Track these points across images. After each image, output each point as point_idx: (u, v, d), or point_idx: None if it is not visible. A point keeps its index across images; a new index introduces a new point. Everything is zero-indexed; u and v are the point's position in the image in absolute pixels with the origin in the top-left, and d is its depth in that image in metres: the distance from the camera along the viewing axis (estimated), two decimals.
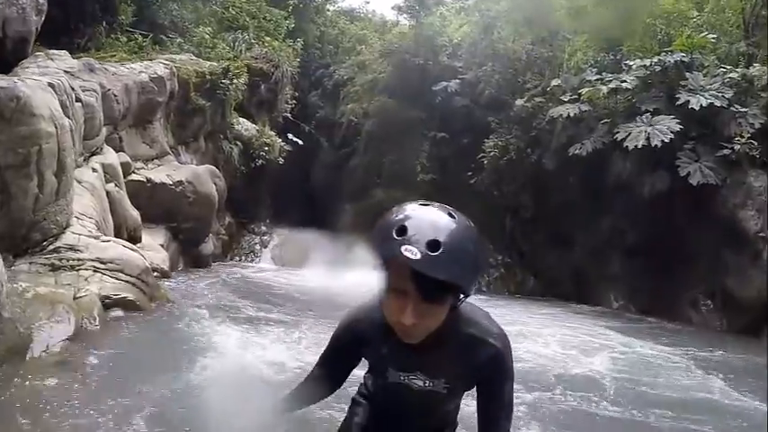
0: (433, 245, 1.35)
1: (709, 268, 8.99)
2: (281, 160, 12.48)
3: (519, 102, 11.96)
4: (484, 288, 12.32)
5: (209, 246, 9.42)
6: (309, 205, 16.37)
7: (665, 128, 8.90)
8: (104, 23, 9.14)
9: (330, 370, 1.99)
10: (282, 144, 12.75)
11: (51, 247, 4.36)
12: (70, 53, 6.88)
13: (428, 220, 1.40)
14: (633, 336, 7.29)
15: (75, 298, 4.01)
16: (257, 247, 11.87)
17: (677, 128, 8.84)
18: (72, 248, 4.45)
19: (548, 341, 6.49)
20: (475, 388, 1.75)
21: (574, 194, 10.87)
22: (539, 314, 8.81)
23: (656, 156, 9.08)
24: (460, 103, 13.59)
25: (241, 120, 11.91)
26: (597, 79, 10.38)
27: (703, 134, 9.07)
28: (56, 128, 4.22)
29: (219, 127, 10.99)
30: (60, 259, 4.32)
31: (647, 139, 8.93)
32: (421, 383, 1.78)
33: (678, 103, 8.99)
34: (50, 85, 4.79)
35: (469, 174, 12.64)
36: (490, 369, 1.69)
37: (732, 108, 8.75)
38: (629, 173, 9.64)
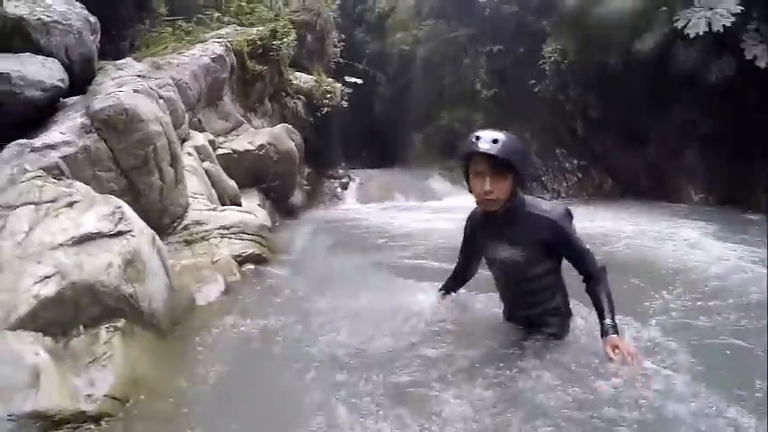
0: (495, 140, 2.50)
1: None
2: (345, 104, 12.79)
3: (569, 0, 11.56)
4: (563, 195, 12.50)
5: (297, 197, 10.13)
6: (378, 141, 16.80)
7: (724, 10, 8.55)
8: (144, 22, 9.42)
9: (465, 260, 3.14)
10: (342, 88, 13.07)
11: (180, 226, 5.04)
12: (116, 58, 7.13)
13: (491, 132, 2.55)
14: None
15: (212, 262, 4.71)
16: (338, 190, 12.48)
17: (737, 9, 8.46)
18: (198, 223, 5.13)
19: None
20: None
21: (641, 90, 10.60)
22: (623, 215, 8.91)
23: (720, 40, 8.73)
24: (509, 11, 13.30)
25: (297, 74, 12.22)
26: None
27: (766, 13, 8.63)
28: (161, 125, 4.80)
29: (280, 87, 11.35)
30: (191, 234, 5.01)
31: (709, 24, 8.63)
32: (506, 253, 2.74)
33: None
34: (136, 91, 5.38)
35: (532, 82, 12.54)
36: (552, 235, 2.63)
37: None
38: (694, 61, 9.30)
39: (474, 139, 2.53)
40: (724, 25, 8.51)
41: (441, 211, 9.97)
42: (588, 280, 2.72)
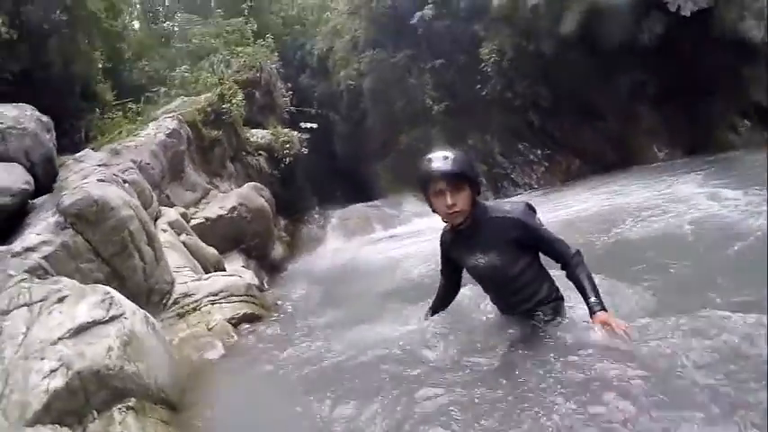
0: (445, 157, 2.72)
1: (734, 90, 9.04)
2: (305, 150, 12.99)
3: (496, 1, 11.94)
4: (535, 186, 12.74)
5: (278, 250, 10.22)
6: (347, 179, 16.99)
7: None
8: (94, 110, 9.60)
9: (446, 278, 3.28)
10: (299, 135, 13.28)
11: (170, 301, 5.13)
12: (74, 151, 7.32)
13: (439, 152, 2.76)
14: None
15: (208, 329, 4.81)
16: (318, 234, 12.59)
17: None
18: (186, 295, 5.22)
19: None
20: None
21: (583, 68, 10.93)
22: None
23: (644, 0, 9.06)
24: (441, 25, 13.66)
25: (253, 131, 12.47)
26: None
27: None
28: (132, 209, 4.92)
29: (239, 147, 11.56)
30: (182, 307, 5.10)
31: None
32: (483, 260, 2.88)
33: None
34: (101, 180, 5.52)
35: (478, 87, 12.86)
36: (520, 232, 2.78)
37: None
38: (626, 26, 9.58)
39: (427, 162, 2.76)
40: None
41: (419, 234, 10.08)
42: (566, 266, 2.82)
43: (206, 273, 6.53)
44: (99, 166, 6.54)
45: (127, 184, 6.12)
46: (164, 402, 3.36)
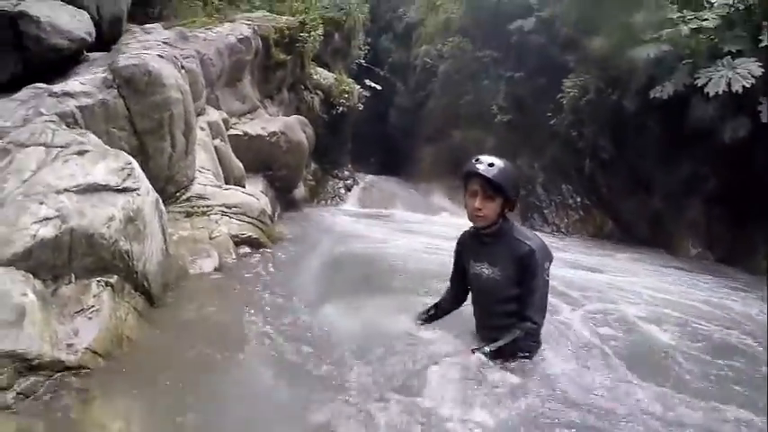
0: (491, 164, 2.85)
1: None
2: (361, 106, 12.79)
3: (597, 41, 11.58)
4: (563, 230, 12.45)
5: (300, 191, 10.09)
6: (388, 149, 16.76)
7: (746, 72, 8.51)
8: None
9: (455, 285, 3.33)
10: (360, 90, 13.08)
11: (184, 197, 4.99)
12: (144, 23, 7.19)
13: (489, 157, 2.90)
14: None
15: (210, 238, 4.66)
16: (342, 191, 12.44)
17: (759, 72, 8.42)
18: (201, 197, 5.08)
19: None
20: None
21: (653, 138, 10.62)
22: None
23: (738, 100, 8.69)
24: (537, 42, 13.31)
25: (319, 69, 12.25)
26: (679, 17, 9.86)
27: None
28: (181, 93, 4.77)
29: (300, 78, 11.38)
30: (192, 207, 4.96)
31: (728, 84, 8.57)
32: (487, 271, 3.00)
33: (762, 44, 8.51)
34: (160, 56, 5.35)
35: (548, 114, 12.51)
36: (525, 263, 2.85)
37: None
38: (710, 118, 9.24)
39: (474, 161, 2.91)
40: (743, 86, 8.48)
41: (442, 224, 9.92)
42: (520, 318, 2.89)
43: (227, 184, 6.40)
44: (164, 43, 6.37)
45: (183, 70, 5.95)
46: (144, 293, 3.25)
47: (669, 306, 5.21)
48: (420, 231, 8.91)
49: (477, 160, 2.90)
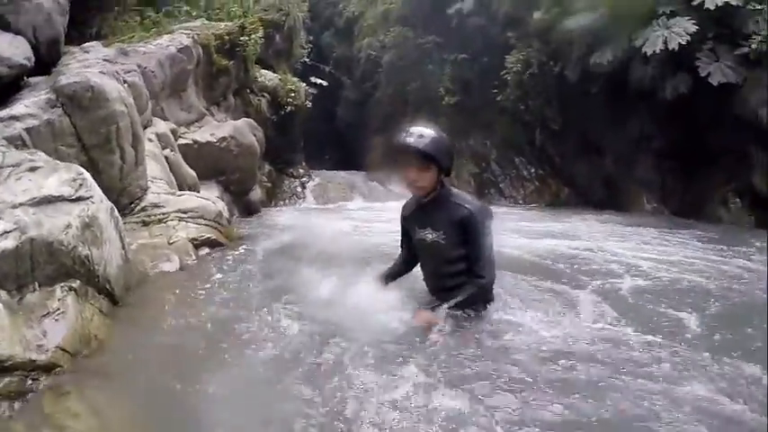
0: (421, 135, 2.93)
1: (736, 167, 9.10)
2: (309, 104, 12.95)
3: (536, 15, 11.94)
4: (521, 201, 12.85)
5: (256, 193, 10.20)
6: (341, 144, 16.98)
7: (680, 29, 8.84)
8: (112, 9, 9.32)
9: (405, 251, 3.47)
10: (307, 88, 13.23)
11: (138, 207, 5.13)
12: (82, 44, 7.16)
13: (420, 128, 2.97)
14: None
15: (169, 243, 4.81)
16: (298, 189, 12.59)
17: (693, 29, 8.76)
18: (156, 206, 5.22)
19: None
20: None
21: (599, 103, 10.99)
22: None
23: (676, 58, 9.04)
24: (476, 23, 13.64)
25: (263, 72, 12.33)
26: None
27: (721, 34, 8.95)
28: (126, 106, 4.90)
29: (245, 82, 11.45)
30: (149, 215, 5.10)
31: (665, 42, 8.91)
32: (431, 236, 3.10)
33: (694, 3, 8.83)
34: (101, 72, 5.47)
35: (494, 92, 12.85)
36: (466, 225, 2.99)
37: (749, 6, 8.59)
38: (650, 77, 9.61)
39: (404, 134, 2.97)
40: (680, 43, 8.82)
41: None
42: (468, 274, 3.04)
43: (180, 191, 6.54)
44: (104, 60, 6.45)
45: (126, 85, 6.06)
46: (107, 295, 3.41)
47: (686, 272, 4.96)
48: (358, 218, 9.10)
49: (408, 133, 2.95)
